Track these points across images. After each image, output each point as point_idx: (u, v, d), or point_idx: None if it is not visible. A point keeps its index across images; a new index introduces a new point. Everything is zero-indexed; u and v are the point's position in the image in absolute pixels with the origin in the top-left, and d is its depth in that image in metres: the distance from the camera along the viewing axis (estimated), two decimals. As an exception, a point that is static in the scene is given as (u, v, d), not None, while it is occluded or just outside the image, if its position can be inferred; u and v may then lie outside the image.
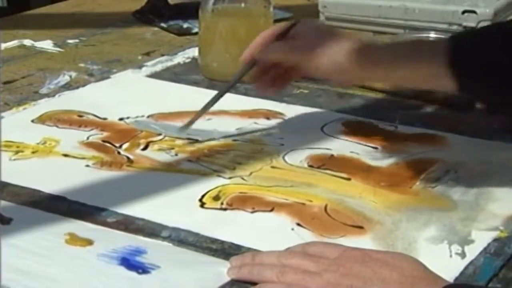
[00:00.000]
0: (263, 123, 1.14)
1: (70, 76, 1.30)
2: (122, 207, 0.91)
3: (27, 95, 1.22)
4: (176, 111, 1.17)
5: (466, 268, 0.81)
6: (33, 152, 1.04)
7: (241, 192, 0.95)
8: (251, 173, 0.99)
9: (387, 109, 1.18)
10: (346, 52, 1.00)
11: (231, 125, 1.13)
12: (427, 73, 0.96)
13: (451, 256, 0.83)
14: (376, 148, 1.07)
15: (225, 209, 0.92)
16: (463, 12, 1.47)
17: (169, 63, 1.37)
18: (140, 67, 1.35)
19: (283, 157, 1.04)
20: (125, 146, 1.06)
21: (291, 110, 1.18)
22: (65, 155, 1.04)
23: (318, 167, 1.01)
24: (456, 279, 0.79)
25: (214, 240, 0.85)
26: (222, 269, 0.80)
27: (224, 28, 1.28)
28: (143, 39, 1.51)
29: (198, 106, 1.18)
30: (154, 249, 0.83)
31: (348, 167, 1.01)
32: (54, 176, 0.98)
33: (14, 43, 1.45)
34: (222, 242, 0.85)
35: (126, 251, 0.82)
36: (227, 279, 0.79)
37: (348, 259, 0.77)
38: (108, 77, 1.30)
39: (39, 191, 0.94)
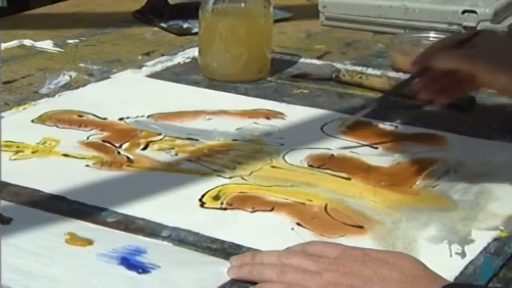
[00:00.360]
0: (263, 123, 1.14)
1: (70, 76, 1.30)
2: (122, 207, 0.91)
3: (27, 95, 1.22)
4: (176, 111, 1.17)
5: (466, 267, 0.81)
6: (33, 152, 1.04)
7: (241, 192, 0.95)
8: (251, 173, 0.99)
9: (387, 109, 1.18)
10: None
11: (231, 125, 1.13)
12: None
13: (451, 255, 0.83)
14: (376, 148, 1.07)
15: (225, 209, 0.92)
16: (463, 12, 1.47)
17: (169, 63, 1.37)
18: (140, 67, 1.35)
19: (283, 157, 1.04)
20: (125, 146, 1.06)
21: (291, 110, 1.18)
22: (65, 155, 1.04)
23: (318, 167, 1.01)
24: (456, 278, 0.79)
25: (214, 240, 0.85)
26: (222, 269, 0.80)
27: (224, 28, 1.28)
28: (143, 39, 1.51)
29: (198, 106, 1.18)
30: (154, 249, 0.83)
31: (348, 167, 1.01)
32: (54, 176, 0.98)
33: (14, 43, 1.45)
34: (222, 241, 0.85)
35: (126, 250, 0.82)
36: (227, 278, 0.79)
37: (348, 258, 0.77)
38: (108, 77, 1.30)
39: (39, 191, 0.94)
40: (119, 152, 1.05)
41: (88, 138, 1.08)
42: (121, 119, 1.14)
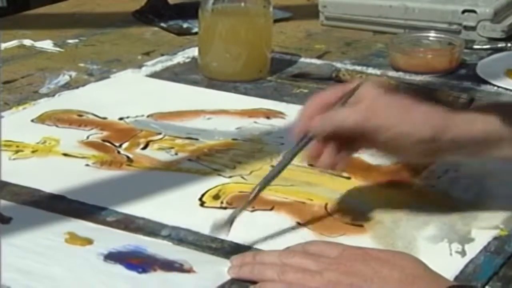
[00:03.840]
0: (263, 122, 1.14)
1: (70, 76, 1.30)
2: (122, 206, 0.91)
3: (27, 95, 1.22)
4: (176, 110, 1.17)
5: (466, 266, 0.81)
6: (33, 152, 1.04)
7: (241, 191, 0.95)
8: (251, 172, 0.99)
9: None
10: (433, 121, 0.84)
11: (231, 124, 1.13)
12: None
13: (451, 254, 0.83)
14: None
15: (225, 208, 0.92)
16: (463, 11, 1.47)
17: (169, 63, 1.37)
18: (140, 67, 1.35)
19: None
20: (125, 145, 1.06)
21: (291, 110, 1.18)
22: (65, 155, 1.04)
23: (318, 166, 1.01)
24: (456, 277, 0.79)
25: (214, 239, 0.85)
26: (222, 268, 0.80)
27: (224, 28, 1.28)
28: (143, 39, 1.51)
29: (198, 106, 1.18)
30: (154, 248, 0.83)
31: (348, 166, 1.01)
32: (54, 175, 0.98)
33: (14, 43, 1.45)
34: (222, 241, 0.85)
35: (126, 250, 0.82)
36: (227, 278, 0.79)
37: (348, 257, 0.77)
38: (108, 77, 1.30)
39: (39, 191, 0.94)
40: (119, 152, 1.05)
41: (88, 137, 1.08)
42: (121, 118, 1.14)
